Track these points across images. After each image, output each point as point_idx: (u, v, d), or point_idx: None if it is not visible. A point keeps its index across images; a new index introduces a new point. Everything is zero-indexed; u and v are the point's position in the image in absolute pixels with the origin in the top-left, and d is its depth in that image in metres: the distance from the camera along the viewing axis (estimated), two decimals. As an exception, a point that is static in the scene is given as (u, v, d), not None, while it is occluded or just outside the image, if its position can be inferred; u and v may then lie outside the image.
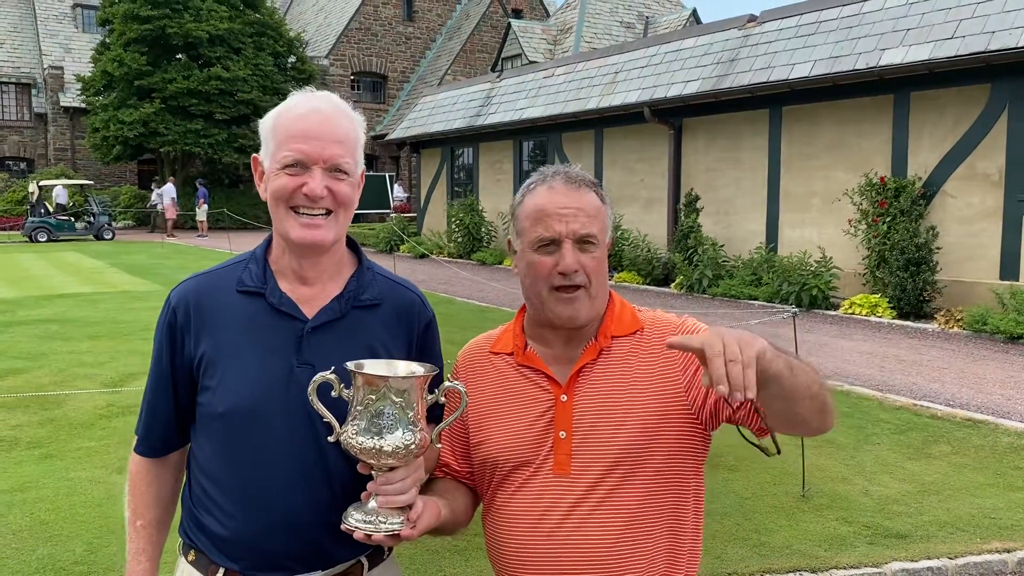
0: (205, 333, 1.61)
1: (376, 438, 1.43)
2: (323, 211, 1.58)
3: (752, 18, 13.90)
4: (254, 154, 1.68)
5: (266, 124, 1.62)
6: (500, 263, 18.14)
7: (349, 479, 1.59)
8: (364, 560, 1.65)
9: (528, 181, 1.66)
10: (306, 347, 1.59)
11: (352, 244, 1.73)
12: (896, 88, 11.31)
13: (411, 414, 1.46)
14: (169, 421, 1.68)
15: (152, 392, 1.69)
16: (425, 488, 1.68)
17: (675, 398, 1.58)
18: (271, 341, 1.59)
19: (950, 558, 3.99)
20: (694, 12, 30.95)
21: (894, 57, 10.86)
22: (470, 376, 1.72)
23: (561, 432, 1.57)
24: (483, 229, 19.36)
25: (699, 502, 1.66)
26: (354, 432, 1.45)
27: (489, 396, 1.68)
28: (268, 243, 1.70)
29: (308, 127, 1.56)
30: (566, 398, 1.59)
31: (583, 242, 1.57)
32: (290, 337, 1.59)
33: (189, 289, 1.66)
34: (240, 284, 1.63)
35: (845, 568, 3.88)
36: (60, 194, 28.03)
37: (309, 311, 1.62)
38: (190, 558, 1.64)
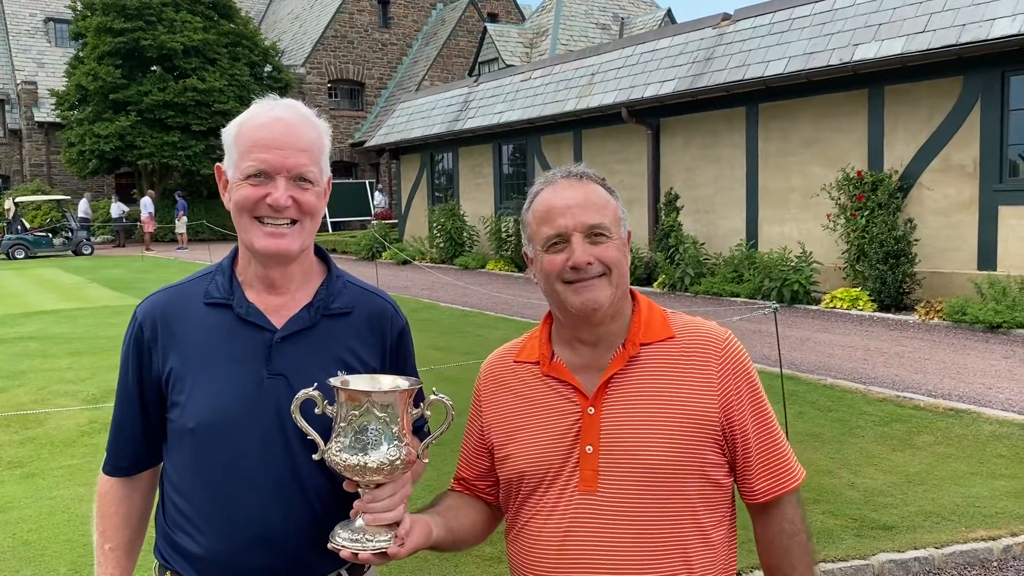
0: (173, 348, 1.58)
1: (361, 454, 1.41)
2: (288, 220, 1.55)
3: (726, 16, 13.98)
4: (217, 164, 1.65)
5: (229, 133, 1.60)
6: (483, 267, 18.13)
7: (324, 490, 1.57)
8: (344, 573, 1.63)
9: (532, 188, 1.62)
10: (276, 357, 1.56)
11: (321, 252, 1.71)
12: (870, 82, 11.41)
13: (395, 429, 1.44)
14: (137, 439, 1.64)
15: (120, 410, 1.66)
16: (433, 502, 1.66)
17: (708, 412, 1.50)
18: (239, 352, 1.56)
19: (936, 548, 4.02)
20: (668, 12, 31.03)
21: (867, 52, 10.95)
22: (494, 388, 1.66)
23: (588, 447, 1.50)
24: (465, 233, 19.33)
25: (734, 524, 1.59)
26: (338, 449, 1.43)
27: (514, 409, 1.61)
28: (234, 254, 1.67)
29: (271, 136, 1.53)
30: (593, 410, 1.51)
31: (594, 234, 1.51)
32: (259, 348, 1.56)
33: (155, 304, 1.63)
34: (207, 296, 1.61)
35: (833, 561, 3.90)
36: (84, 208, 28.54)
37: (278, 321, 1.59)
38: None
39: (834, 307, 11.00)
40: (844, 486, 4.81)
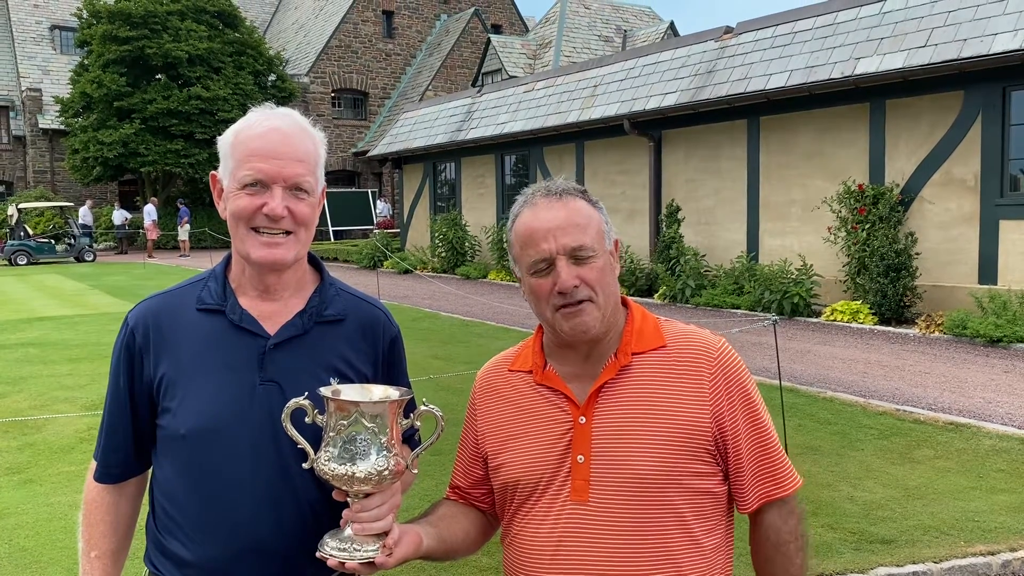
0: (165, 353, 1.58)
1: (349, 464, 1.41)
2: (283, 231, 1.56)
3: (728, 30, 14.03)
4: (213, 172, 1.65)
5: (225, 141, 1.60)
6: (484, 277, 18.14)
7: (316, 498, 1.57)
8: None
9: (513, 206, 1.61)
10: (269, 364, 1.57)
11: (314, 260, 1.72)
12: (872, 96, 11.43)
13: (384, 439, 1.44)
14: (127, 445, 1.64)
15: (110, 416, 1.65)
16: (426, 511, 1.66)
17: (700, 421, 1.49)
18: (232, 359, 1.56)
19: (935, 562, 4.01)
20: (671, 25, 31.18)
21: (869, 66, 10.99)
22: (488, 397, 1.67)
23: (579, 456, 1.50)
24: (466, 243, 19.35)
25: (730, 531, 1.58)
26: (327, 458, 1.43)
27: (507, 417, 1.61)
28: (227, 261, 1.67)
29: (268, 146, 1.54)
30: (584, 420, 1.51)
31: (577, 255, 1.50)
32: (252, 354, 1.57)
33: (148, 309, 1.63)
34: (200, 302, 1.61)
35: (832, 575, 3.89)
36: (85, 214, 28.83)
37: (271, 327, 1.59)
38: None
39: (834, 320, 10.99)
40: (843, 499, 4.80)
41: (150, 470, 1.68)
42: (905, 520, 4.49)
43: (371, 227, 31.85)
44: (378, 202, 34.07)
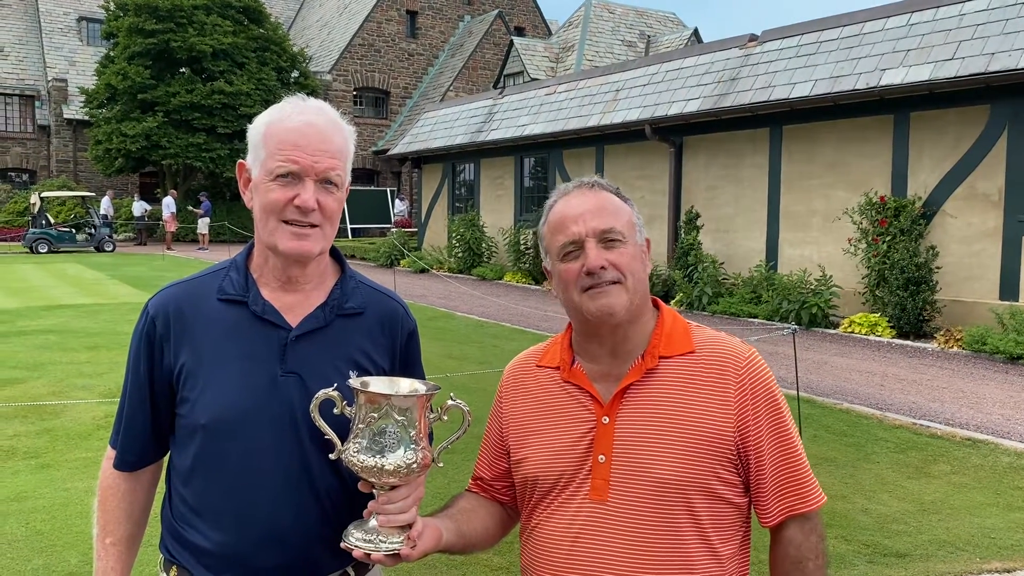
0: (185, 342, 1.57)
1: (378, 456, 1.42)
2: (311, 223, 1.56)
3: (753, 37, 13.98)
4: (240, 161, 1.64)
5: (256, 131, 1.59)
6: (500, 278, 18.15)
7: (334, 487, 1.58)
8: (351, 571, 1.63)
9: (547, 201, 1.63)
10: (290, 356, 1.56)
11: (335, 253, 1.72)
12: (896, 108, 11.36)
13: (413, 433, 1.45)
14: (145, 434, 1.64)
15: (128, 404, 1.65)
16: (446, 505, 1.66)
17: (723, 430, 1.49)
18: (254, 350, 1.56)
19: (950, 577, 3.98)
20: (695, 31, 31.09)
21: (894, 77, 10.92)
22: (515, 390, 1.67)
23: (600, 456, 1.50)
24: (483, 244, 19.38)
25: (746, 541, 1.57)
26: (356, 450, 1.44)
27: (532, 413, 1.62)
28: (248, 251, 1.67)
29: (302, 139, 1.54)
30: (608, 420, 1.51)
31: (607, 239, 1.51)
32: (273, 345, 1.57)
33: (168, 298, 1.62)
34: (221, 292, 1.60)
35: (844, 586, 3.86)
36: (107, 205, 29.31)
37: (293, 319, 1.59)
38: (172, 574, 1.60)
39: (852, 332, 10.92)
40: (857, 511, 4.76)
41: (166, 457, 1.69)
42: (920, 534, 4.46)
43: (389, 226, 31.94)
44: (396, 201, 34.16)
